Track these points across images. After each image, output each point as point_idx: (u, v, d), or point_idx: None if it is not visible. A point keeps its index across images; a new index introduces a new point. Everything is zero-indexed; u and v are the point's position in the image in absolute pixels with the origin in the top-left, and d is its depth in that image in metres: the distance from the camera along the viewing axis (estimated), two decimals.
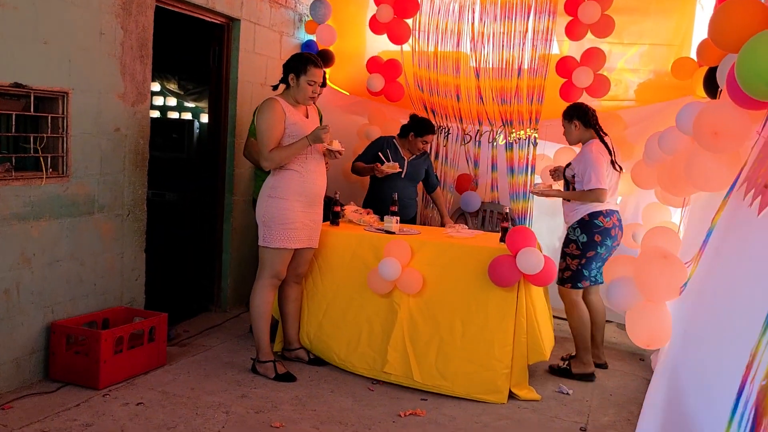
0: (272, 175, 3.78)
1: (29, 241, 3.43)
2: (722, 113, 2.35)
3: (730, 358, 1.78)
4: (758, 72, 1.93)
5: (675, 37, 4.94)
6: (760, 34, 1.98)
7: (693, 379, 2.21)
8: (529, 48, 5.11)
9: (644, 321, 2.69)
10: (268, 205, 3.74)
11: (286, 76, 3.76)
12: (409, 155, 4.92)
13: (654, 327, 2.67)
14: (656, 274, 2.53)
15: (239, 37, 4.95)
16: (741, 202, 2.09)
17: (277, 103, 3.69)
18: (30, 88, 3.34)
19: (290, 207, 3.73)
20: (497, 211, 5.42)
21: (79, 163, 3.67)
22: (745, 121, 2.29)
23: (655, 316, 2.66)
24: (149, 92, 4.16)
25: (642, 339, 2.74)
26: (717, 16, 2.38)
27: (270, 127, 3.65)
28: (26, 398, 3.31)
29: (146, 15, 4.04)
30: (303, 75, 3.70)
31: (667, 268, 2.52)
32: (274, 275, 3.83)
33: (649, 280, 2.58)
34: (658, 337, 2.69)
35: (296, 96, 3.76)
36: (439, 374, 3.77)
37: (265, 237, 3.77)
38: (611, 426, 3.46)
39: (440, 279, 3.87)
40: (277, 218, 3.73)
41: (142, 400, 3.40)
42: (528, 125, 5.20)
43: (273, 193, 3.74)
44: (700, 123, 2.40)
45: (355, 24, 5.83)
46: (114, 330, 3.58)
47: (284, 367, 3.88)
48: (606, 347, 4.84)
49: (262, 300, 3.83)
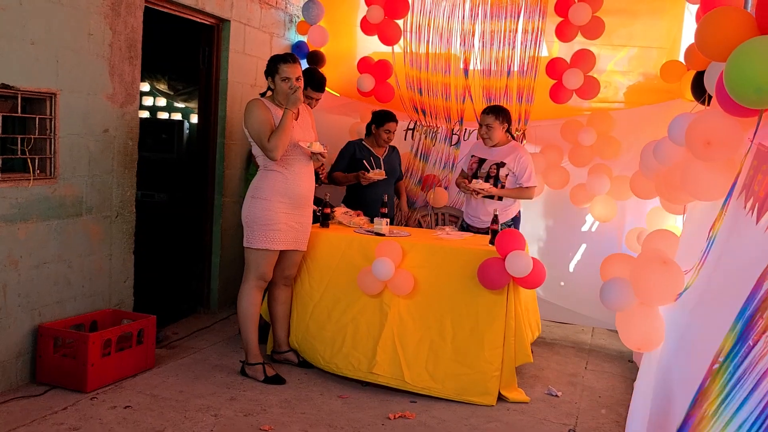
0: (257, 175, 3.81)
1: (16, 243, 3.40)
2: (714, 122, 2.35)
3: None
4: (747, 79, 1.93)
5: (664, 40, 4.96)
6: (747, 41, 1.99)
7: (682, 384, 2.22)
8: (519, 48, 5.12)
9: (637, 324, 2.68)
10: (251, 206, 3.76)
11: (268, 82, 3.81)
12: (381, 152, 4.94)
13: (647, 331, 2.66)
14: (654, 279, 2.53)
15: (229, 38, 4.94)
16: (740, 210, 2.10)
17: (259, 101, 3.75)
18: (17, 89, 3.32)
19: (272, 208, 3.73)
20: (449, 213, 5.43)
21: (67, 164, 3.64)
22: (737, 129, 2.29)
23: (648, 319, 2.66)
24: (138, 93, 4.14)
25: (634, 342, 2.74)
26: (703, 26, 2.38)
27: (260, 121, 3.67)
28: (12, 402, 3.29)
29: (135, 16, 4.02)
30: (276, 74, 3.73)
31: (666, 274, 2.51)
32: (259, 277, 3.82)
33: (645, 284, 2.58)
34: (650, 341, 2.68)
35: (278, 97, 3.77)
36: (429, 376, 3.77)
37: (248, 238, 3.79)
38: (600, 428, 3.47)
39: (430, 281, 3.87)
40: (259, 219, 3.73)
41: (130, 404, 3.38)
42: (516, 125, 5.21)
43: (256, 194, 3.75)
44: (692, 133, 2.39)
45: (347, 25, 5.82)
46: (102, 332, 3.56)
47: (273, 370, 3.87)
48: (594, 349, 4.88)
49: (248, 302, 3.83)
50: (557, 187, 5.06)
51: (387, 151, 4.97)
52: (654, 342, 2.64)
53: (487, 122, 4.47)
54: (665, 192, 3.23)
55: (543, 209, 5.33)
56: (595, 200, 4.98)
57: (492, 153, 4.56)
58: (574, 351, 4.80)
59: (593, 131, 4.85)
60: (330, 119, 5.67)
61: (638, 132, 4.92)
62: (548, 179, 5.07)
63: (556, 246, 5.33)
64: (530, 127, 5.19)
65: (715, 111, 2.41)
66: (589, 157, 4.94)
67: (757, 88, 1.91)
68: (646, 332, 2.65)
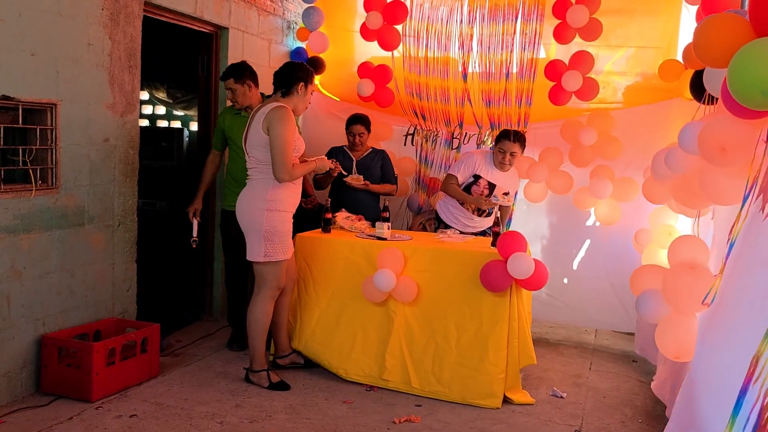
0: (271, 187, 3.65)
1: (19, 254, 3.40)
2: (725, 128, 2.31)
3: (737, 363, 1.78)
4: (752, 82, 1.92)
5: (661, 40, 4.97)
6: (748, 45, 1.98)
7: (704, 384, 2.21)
8: (517, 51, 5.13)
9: (672, 333, 2.62)
10: (270, 219, 3.65)
11: (294, 85, 3.68)
12: (358, 156, 4.98)
13: (682, 339, 2.59)
14: (683, 284, 2.49)
15: (227, 46, 4.95)
16: (758, 213, 2.09)
17: (289, 111, 3.62)
18: (18, 100, 3.33)
19: (288, 219, 3.77)
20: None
21: (68, 174, 3.65)
22: (750, 133, 2.26)
23: (683, 327, 2.59)
24: (138, 102, 4.14)
25: (670, 351, 2.64)
26: (700, 33, 2.36)
27: (291, 139, 3.58)
28: (18, 412, 3.29)
29: (134, 25, 4.03)
30: (310, 85, 3.75)
31: (695, 279, 2.47)
32: (277, 287, 3.82)
33: (675, 291, 2.54)
34: (687, 349, 2.60)
35: (298, 105, 3.74)
36: (435, 380, 3.80)
37: (267, 252, 3.69)
38: (605, 428, 3.47)
39: (434, 285, 3.89)
40: (279, 232, 3.70)
41: (136, 412, 3.38)
42: (516, 128, 5.21)
43: (273, 206, 3.65)
44: (706, 141, 2.34)
45: (345, 30, 5.83)
46: (106, 342, 3.56)
47: (278, 376, 3.87)
48: (598, 349, 4.88)
49: (262, 312, 3.80)
50: (561, 192, 5.02)
51: (366, 153, 4.99)
52: (691, 350, 2.58)
53: (513, 150, 4.49)
54: (682, 197, 3.20)
55: (546, 207, 5.30)
56: (599, 203, 4.96)
57: (501, 179, 4.65)
58: (578, 352, 4.80)
59: (594, 131, 4.84)
60: (329, 123, 5.71)
61: (638, 131, 4.92)
62: (551, 184, 5.04)
63: (559, 244, 5.31)
64: (530, 128, 5.19)
65: (725, 116, 2.38)
66: (590, 158, 4.93)
67: (763, 90, 1.90)
68: (681, 340, 2.57)
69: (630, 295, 5.00)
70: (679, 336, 2.60)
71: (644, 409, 3.76)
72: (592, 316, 5.16)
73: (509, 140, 4.49)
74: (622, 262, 4.94)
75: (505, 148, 4.49)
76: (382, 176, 5.01)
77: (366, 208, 4.77)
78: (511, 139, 4.49)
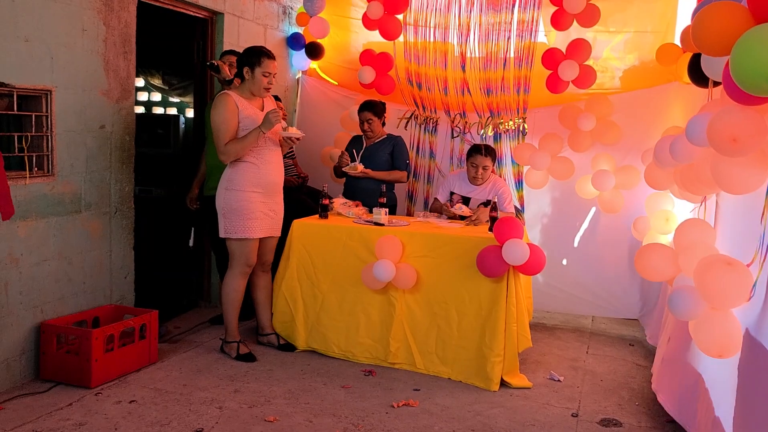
0: (228, 167, 3.88)
1: (16, 241, 3.40)
2: (735, 117, 2.25)
3: None
4: (756, 69, 1.89)
5: (659, 24, 4.94)
6: (749, 31, 1.94)
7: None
8: (514, 39, 5.10)
9: (712, 331, 2.54)
10: (227, 197, 3.85)
11: (241, 70, 3.85)
12: (370, 142, 4.94)
13: (723, 336, 2.51)
14: (722, 282, 2.41)
15: (223, 31, 4.92)
16: None
17: (230, 97, 3.79)
18: (13, 87, 3.31)
19: (248, 198, 3.85)
20: None
21: (64, 161, 3.64)
22: (760, 120, 2.22)
23: (722, 324, 2.51)
24: (133, 88, 4.13)
25: (713, 350, 2.55)
26: (698, 22, 2.32)
27: (224, 120, 3.75)
28: (18, 399, 3.30)
29: (128, 10, 4.00)
30: (258, 67, 3.80)
31: (733, 275, 2.40)
32: (246, 264, 3.97)
33: (714, 289, 2.46)
34: (729, 346, 2.49)
35: (252, 88, 3.86)
36: (439, 361, 3.91)
37: (226, 228, 3.89)
38: (602, 411, 3.49)
39: (433, 270, 3.92)
40: (235, 210, 3.84)
41: (135, 398, 3.39)
42: (516, 115, 5.20)
43: (230, 186, 3.84)
44: (716, 132, 2.29)
45: (344, 15, 5.79)
46: (105, 328, 3.57)
47: (247, 348, 4.07)
48: (595, 333, 4.91)
49: (232, 288, 3.99)
50: (562, 177, 5.00)
51: (378, 140, 4.92)
52: (733, 347, 2.49)
53: (485, 164, 4.52)
54: (689, 185, 3.16)
55: (548, 190, 5.29)
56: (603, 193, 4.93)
57: (476, 191, 4.63)
58: (575, 336, 4.83)
59: (592, 116, 4.82)
60: (326, 108, 5.70)
61: (636, 116, 4.91)
62: (553, 170, 5.02)
63: (558, 228, 5.31)
64: (529, 113, 5.18)
65: (733, 106, 2.33)
66: (588, 142, 4.92)
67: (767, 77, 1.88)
68: (723, 338, 2.48)
69: (628, 282, 5.06)
70: (724, 333, 2.51)
71: (641, 392, 3.78)
72: (590, 299, 5.18)
73: (481, 154, 4.53)
74: (620, 249, 4.95)
75: (477, 162, 4.54)
76: (392, 162, 4.91)
77: (370, 196, 4.71)
78: (482, 153, 4.53)
